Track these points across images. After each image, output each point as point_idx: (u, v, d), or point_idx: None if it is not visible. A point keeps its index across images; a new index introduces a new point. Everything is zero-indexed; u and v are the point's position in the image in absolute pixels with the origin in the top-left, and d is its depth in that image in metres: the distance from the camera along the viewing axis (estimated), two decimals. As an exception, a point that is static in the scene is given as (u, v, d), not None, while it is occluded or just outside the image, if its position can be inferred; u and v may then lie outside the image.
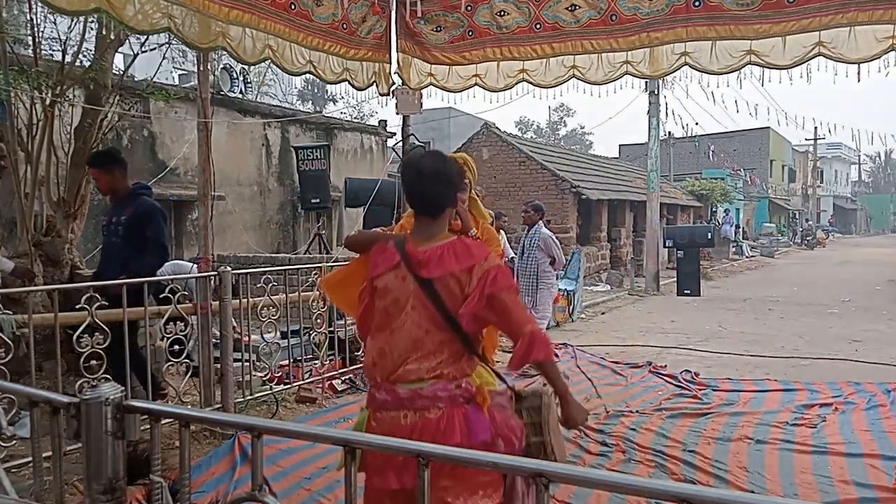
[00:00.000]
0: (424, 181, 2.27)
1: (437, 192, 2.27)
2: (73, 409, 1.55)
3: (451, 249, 2.20)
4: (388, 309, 2.20)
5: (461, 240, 2.29)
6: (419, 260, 2.19)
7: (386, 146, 17.34)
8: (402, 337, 2.16)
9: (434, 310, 2.14)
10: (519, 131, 45.74)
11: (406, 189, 2.35)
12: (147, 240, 4.49)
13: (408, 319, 2.16)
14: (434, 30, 5.29)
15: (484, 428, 2.10)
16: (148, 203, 4.60)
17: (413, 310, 2.16)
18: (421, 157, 2.41)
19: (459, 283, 2.15)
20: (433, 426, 2.09)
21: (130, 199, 4.59)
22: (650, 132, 14.86)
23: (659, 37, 4.43)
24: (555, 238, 6.79)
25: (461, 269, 2.16)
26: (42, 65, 5.99)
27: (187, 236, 12.03)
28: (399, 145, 6.88)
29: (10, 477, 2.11)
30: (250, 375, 4.89)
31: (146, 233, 4.48)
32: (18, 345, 3.50)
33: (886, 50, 3.83)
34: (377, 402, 2.21)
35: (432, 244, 2.23)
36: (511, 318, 2.16)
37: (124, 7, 3.49)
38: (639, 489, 1.16)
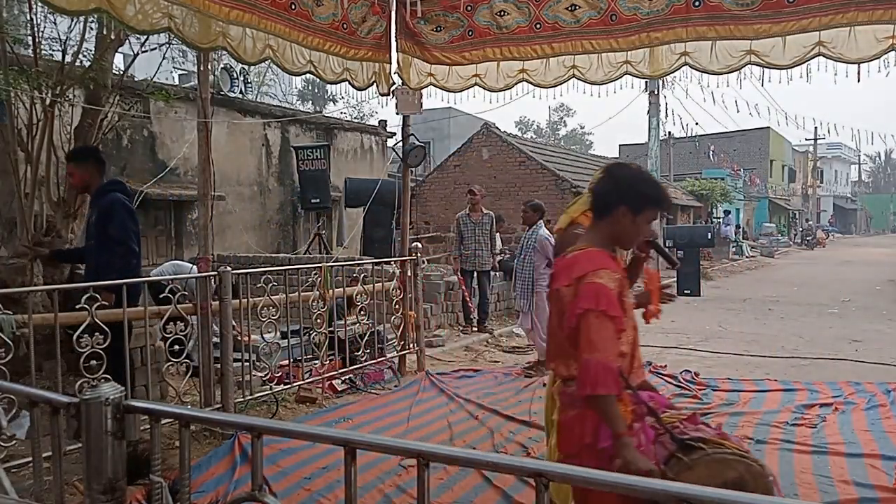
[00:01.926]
0: (602, 179, 2.34)
1: (605, 192, 2.30)
2: (73, 409, 1.55)
3: (572, 262, 2.25)
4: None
5: (585, 252, 2.26)
6: (555, 268, 2.35)
7: (386, 146, 17.34)
8: (552, 335, 2.35)
9: (559, 318, 2.25)
10: (519, 131, 45.74)
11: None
12: (111, 240, 4.19)
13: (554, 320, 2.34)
14: (434, 30, 5.29)
15: (605, 435, 2.06)
16: (109, 199, 4.25)
17: (552, 314, 2.33)
18: (626, 164, 2.48)
19: (564, 297, 2.22)
20: (568, 424, 2.21)
21: (100, 198, 4.33)
22: (650, 132, 14.88)
23: (659, 37, 4.43)
24: (552, 239, 6.70)
25: (567, 284, 2.21)
26: (42, 65, 5.99)
27: (187, 236, 12.03)
28: (399, 145, 6.87)
29: (10, 477, 2.10)
30: (250, 375, 4.89)
31: (109, 231, 4.20)
32: (18, 345, 3.50)
33: (886, 50, 3.83)
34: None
35: (574, 251, 2.30)
36: (580, 340, 2.11)
37: (124, 7, 3.49)
38: (639, 489, 1.16)
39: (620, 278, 2.20)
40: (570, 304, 2.16)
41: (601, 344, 2.06)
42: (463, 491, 3.65)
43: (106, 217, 4.22)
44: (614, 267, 2.22)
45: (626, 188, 2.26)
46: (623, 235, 2.29)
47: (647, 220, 2.27)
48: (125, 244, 4.21)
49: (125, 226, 4.21)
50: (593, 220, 2.37)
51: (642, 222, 2.26)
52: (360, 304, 5.80)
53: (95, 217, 4.31)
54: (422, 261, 6.58)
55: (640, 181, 2.30)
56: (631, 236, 2.30)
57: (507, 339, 8.50)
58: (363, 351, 5.81)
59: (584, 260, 2.21)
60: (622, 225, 2.25)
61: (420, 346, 6.51)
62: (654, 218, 2.32)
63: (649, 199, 2.27)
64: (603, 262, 2.19)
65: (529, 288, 6.57)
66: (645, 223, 2.27)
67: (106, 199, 4.27)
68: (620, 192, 2.25)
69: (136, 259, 4.31)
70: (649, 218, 2.28)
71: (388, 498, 3.56)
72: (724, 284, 16.16)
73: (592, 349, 2.06)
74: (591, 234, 2.34)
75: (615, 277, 2.17)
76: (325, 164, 13.22)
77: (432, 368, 6.52)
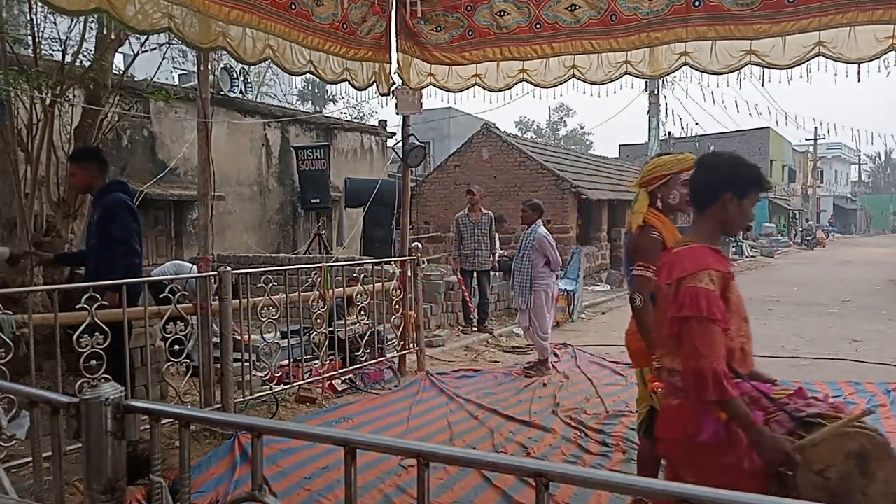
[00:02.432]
0: (699, 171, 2.34)
1: (706, 182, 2.30)
2: (73, 409, 1.55)
3: (674, 259, 2.25)
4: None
5: (687, 249, 2.25)
6: (661, 262, 2.36)
7: (386, 146, 17.35)
8: (659, 326, 2.36)
9: (664, 312, 2.27)
10: (519, 131, 45.76)
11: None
12: (113, 239, 4.21)
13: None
14: (434, 30, 5.29)
15: (707, 428, 2.09)
16: (112, 198, 4.27)
17: (659, 306, 2.37)
18: (719, 153, 2.44)
19: (666, 295, 2.23)
20: (669, 411, 2.26)
21: (102, 198, 4.34)
22: (650, 132, 14.87)
23: (659, 37, 4.43)
24: (551, 238, 6.69)
25: (668, 283, 2.23)
26: (42, 65, 5.99)
27: (187, 236, 12.03)
28: (399, 145, 6.87)
29: (10, 477, 2.10)
30: (250, 375, 4.89)
31: (111, 230, 4.21)
32: (18, 345, 3.50)
33: (886, 50, 3.82)
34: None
35: (678, 247, 2.32)
36: (684, 347, 2.13)
37: (124, 7, 3.49)
38: (639, 489, 1.16)
39: (723, 274, 2.18)
40: (670, 305, 2.19)
41: (706, 350, 2.07)
42: (463, 491, 3.65)
43: (108, 216, 4.23)
44: (716, 264, 2.19)
45: (728, 174, 2.26)
46: (732, 222, 2.30)
47: (751, 203, 2.28)
48: (127, 243, 4.21)
49: (128, 225, 4.21)
50: (695, 214, 2.38)
51: (748, 206, 2.27)
52: (360, 304, 5.79)
53: (98, 216, 4.31)
54: (422, 261, 6.58)
55: (739, 165, 2.29)
56: (739, 222, 2.31)
57: (507, 339, 8.50)
58: (363, 351, 5.81)
59: (686, 259, 2.21)
60: (729, 211, 2.25)
61: (420, 346, 6.51)
62: (756, 200, 2.33)
63: (752, 180, 2.27)
64: (705, 262, 2.17)
65: (528, 286, 6.58)
66: (750, 206, 2.28)
67: (108, 198, 4.28)
68: (723, 179, 2.26)
69: (138, 259, 4.30)
70: (753, 201, 2.29)
71: (388, 498, 3.56)
72: (724, 284, 16.12)
73: (698, 357, 2.07)
74: (694, 228, 2.35)
75: (716, 276, 2.15)
76: (325, 164, 13.22)
77: (432, 368, 6.52)
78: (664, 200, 3.24)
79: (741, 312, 2.27)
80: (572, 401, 5.47)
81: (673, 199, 3.22)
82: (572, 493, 3.54)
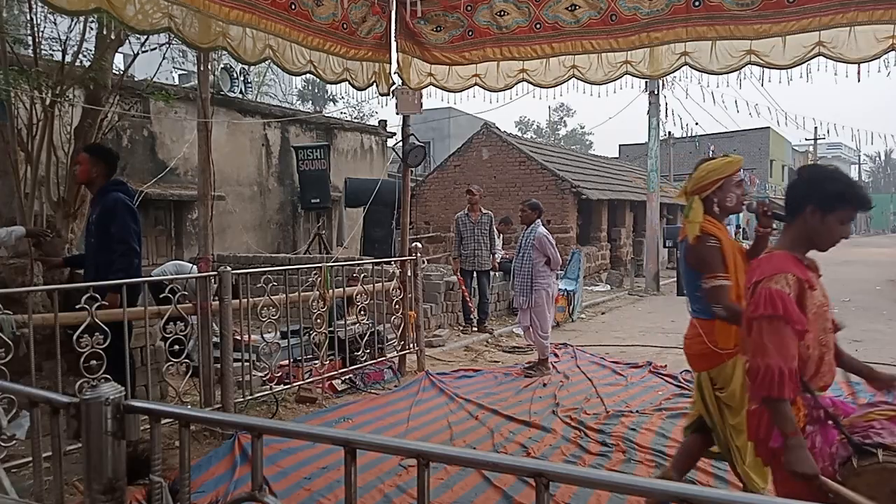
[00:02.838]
0: (794, 181, 2.36)
1: (793, 193, 2.31)
2: (73, 409, 1.55)
3: (756, 264, 2.32)
4: None
5: (768, 255, 2.33)
6: (749, 267, 2.56)
7: (386, 146, 17.34)
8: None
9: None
10: (519, 131, 45.77)
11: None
12: (112, 239, 4.20)
13: None
14: (434, 30, 5.29)
15: (777, 435, 2.12)
16: (112, 198, 4.26)
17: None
18: (821, 165, 2.53)
19: (747, 298, 2.29)
20: (749, 416, 2.32)
21: (101, 197, 4.34)
22: (650, 132, 14.86)
23: (659, 37, 4.43)
24: (550, 238, 6.70)
25: (748, 286, 2.30)
26: (42, 65, 5.99)
27: (187, 236, 12.03)
28: (399, 145, 6.87)
29: (10, 477, 2.10)
30: (250, 375, 4.89)
31: (111, 230, 4.21)
32: (18, 345, 3.50)
33: (886, 50, 3.82)
34: None
35: (765, 254, 2.43)
36: (753, 343, 2.17)
37: (124, 7, 3.49)
38: (639, 489, 1.16)
39: (801, 280, 2.17)
40: (747, 307, 2.25)
41: (773, 349, 2.08)
42: (463, 491, 3.65)
43: (108, 216, 4.23)
44: (795, 269, 2.18)
45: (812, 187, 2.23)
46: (814, 236, 2.26)
47: (840, 219, 2.22)
48: (126, 243, 4.21)
49: (127, 225, 4.22)
50: (786, 222, 2.38)
51: (833, 222, 2.22)
52: (360, 304, 5.79)
53: (97, 216, 4.32)
54: (422, 261, 6.58)
55: (825, 179, 2.24)
56: (824, 237, 2.26)
57: (507, 339, 8.50)
58: (363, 351, 5.81)
59: (765, 264, 2.24)
60: (811, 225, 2.23)
61: (420, 346, 6.51)
62: (850, 218, 2.27)
63: (836, 196, 2.20)
64: (782, 266, 2.18)
65: (528, 286, 6.58)
66: (837, 223, 2.23)
67: (108, 198, 4.28)
68: (806, 191, 2.24)
69: (137, 259, 4.30)
70: (843, 218, 2.23)
71: (388, 498, 3.56)
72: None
73: (764, 354, 2.09)
74: (782, 236, 2.38)
75: (793, 281, 2.15)
76: (325, 164, 13.22)
77: (432, 368, 6.52)
78: (721, 205, 3.25)
79: (822, 321, 2.26)
80: (572, 401, 5.47)
81: (730, 201, 3.25)
82: (572, 493, 3.54)
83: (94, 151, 4.53)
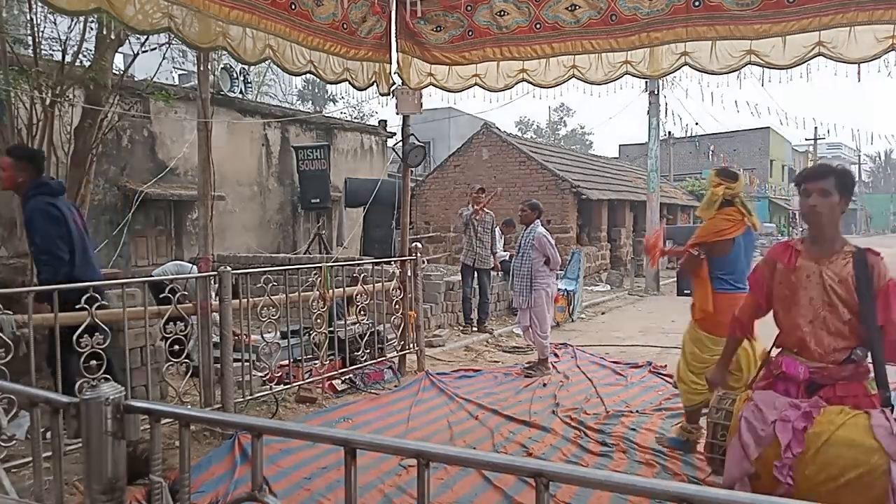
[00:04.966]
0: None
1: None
2: (73, 409, 1.55)
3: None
4: None
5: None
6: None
7: (386, 146, 17.35)
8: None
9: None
10: (519, 131, 45.77)
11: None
12: (36, 248, 4.02)
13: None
14: (434, 30, 5.29)
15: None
16: (30, 207, 4.04)
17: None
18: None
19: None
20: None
21: (25, 204, 4.12)
22: (650, 132, 14.85)
23: (659, 37, 4.43)
24: (550, 237, 6.70)
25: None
26: (42, 65, 6.00)
27: (187, 236, 12.04)
28: (399, 145, 6.87)
29: (10, 477, 2.10)
30: (250, 375, 4.89)
31: (34, 240, 4.02)
32: (18, 345, 3.50)
33: (886, 50, 3.82)
34: None
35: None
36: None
37: (124, 7, 3.49)
38: (639, 489, 1.16)
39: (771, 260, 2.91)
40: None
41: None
42: (463, 491, 3.65)
43: (28, 225, 4.07)
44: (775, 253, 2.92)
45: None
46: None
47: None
48: (48, 252, 4.00)
49: (46, 234, 4.00)
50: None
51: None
52: (360, 304, 5.79)
53: (24, 224, 4.16)
54: (422, 261, 6.58)
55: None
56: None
57: (507, 339, 8.50)
58: (363, 351, 5.81)
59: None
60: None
61: (420, 346, 6.51)
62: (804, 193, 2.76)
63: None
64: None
65: (528, 286, 6.58)
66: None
67: (28, 206, 4.08)
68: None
69: (65, 266, 4.02)
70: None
71: (388, 498, 3.56)
72: (724, 284, 16.12)
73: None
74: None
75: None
76: (325, 164, 13.23)
77: (432, 368, 6.52)
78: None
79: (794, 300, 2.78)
80: (572, 401, 5.46)
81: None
82: (572, 493, 3.54)
83: (17, 154, 4.30)
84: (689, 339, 4.24)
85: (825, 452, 2.44)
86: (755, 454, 2.58)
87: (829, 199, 2.66)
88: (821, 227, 2.73)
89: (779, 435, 2.52)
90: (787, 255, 2.80)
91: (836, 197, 2.67)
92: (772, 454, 2.54)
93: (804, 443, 2.48)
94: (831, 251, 2.70)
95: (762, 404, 2.66)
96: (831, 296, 2.65)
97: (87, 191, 6.23)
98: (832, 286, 2.65)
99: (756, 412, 2.64)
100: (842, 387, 2.63)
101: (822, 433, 2.47)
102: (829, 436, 2.45)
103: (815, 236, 2.76)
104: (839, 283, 2.64)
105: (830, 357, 2.65)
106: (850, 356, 2.63)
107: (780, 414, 2.57)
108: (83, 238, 4.25)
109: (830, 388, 2.64)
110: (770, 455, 2.54)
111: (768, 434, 2.56)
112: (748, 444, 2.60)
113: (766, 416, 2.60)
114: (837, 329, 2.65)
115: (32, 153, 4.46)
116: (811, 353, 2.69)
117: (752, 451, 2.58)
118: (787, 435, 2.50)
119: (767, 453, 2.55)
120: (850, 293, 2.62)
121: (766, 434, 2.57)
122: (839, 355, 2.65)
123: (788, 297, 2.76)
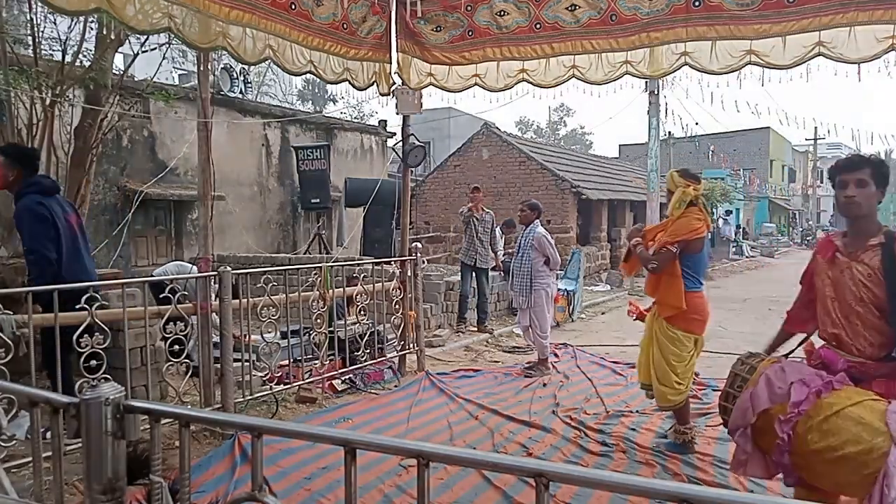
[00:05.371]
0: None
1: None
2: (73, 409, 1.55)
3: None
4: None
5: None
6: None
7: (386, 146, 17.34)
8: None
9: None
10: (519, 131, 45.77)
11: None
12: (24, 247, 4.03)
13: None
14: (434, 30, 5.29)
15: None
16: (20, 206, 4.04)
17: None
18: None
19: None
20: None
21: (16, 203, 4.12)
22: (650, 132, 14.85)
23: (659, 37, 4.43)
24: (549, 237, 6.70)
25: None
26: (42, 65, 6.00)
27: (187, 236, 12.03)
28: (399, 145, 6.87)
29: (10, 477, 2.10)
30: (250, 375, 4.89)
31: (23, 240, 4.04)
32: (18, 345, 3.50)
33: (886, 50, 3.82)
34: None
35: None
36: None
37: (124, 7, 3.48)
38: (639, 489, 1.16)
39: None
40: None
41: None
42: (463, 491, 3.65)
43: (17, 225, 4.10)
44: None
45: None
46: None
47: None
48: (35, 252, 3.99)
49: (33, 233, 3.99)
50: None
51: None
52: (360, 304, 5.79)
53: (16, 224, 4.17)
54: (422, 261, 6.58)
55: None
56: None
57: (507, 339, 8.50)
58: (363, 351, 5.81)
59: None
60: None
61: (420, 346, 6.51)
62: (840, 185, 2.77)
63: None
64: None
65: (528, 286, 6.58)
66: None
67: (18, 206, 4.09)
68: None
69: (52, 266, 4.01)
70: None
71: (388, 498, 3.56)
72: (724, 284, 16.15)
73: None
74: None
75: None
76: (325, 164, 13.22)
77: (432, 368, 6.52)
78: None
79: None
80: (572, 401, 5.47)
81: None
82: (572, 494, 3.54)
83: (9, 153, 4.28)
84: (665, 339, 4.25)
85: (832, 422, 2.41)
86: (765, 406, 2.58)
87: (866, 190, 2.63)
88: (858, 219, 2.69)
89: (793, 393, 2.51)
90: (826, 249, 2.80)
91: (872, 187, 2.63)
92: (780, 409, 2.53)
93: (815, 406, 2.46)
94: (865, 245, 2.66)
95: (788, 367, 2.67)
96: (861, 291, 2.63)
97: (87, 191, 6.22)
98: (861, 280, 2.62)
99: (779, 373, 2.65)
100: (880, 384, 2.57)
101: (836, 404, 2.44)
102: (842, 408, 2.42)
103: (852, 229, 2.74)
104: (867, 278, 2.61)
105: (868, 352, 2.61)
106: (890, 353, 2.57)
107: (802, 377, 2.57)
108: (74, 238, 4.21)
109: (867, 384, 2.57)
110: (779, 410, 2.54)
111: (784, 392, 2.55)
112: (760, 396, 2.61)
113: (787, 377, 2.60)
114: (873, 324, 2.61)
115: (24, 152, 4.44)
116: (848, 347, 2.67)
117: (762, 402, 2.58)
118: (801, 395, 2.49)
119: (777, 409, 2.54)
120: (880, 287, 2.57)
121: (782, 392, 2.55)
122: (877, 351, 2.59)
123: (825, 291, 2.77)
